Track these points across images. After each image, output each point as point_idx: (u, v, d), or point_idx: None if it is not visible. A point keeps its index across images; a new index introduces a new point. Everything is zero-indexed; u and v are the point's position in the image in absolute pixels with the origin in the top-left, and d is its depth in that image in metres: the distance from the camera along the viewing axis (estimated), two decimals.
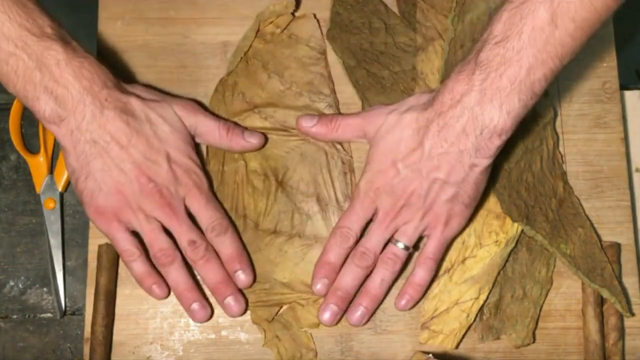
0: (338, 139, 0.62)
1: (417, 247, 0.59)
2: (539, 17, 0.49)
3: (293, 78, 0.64)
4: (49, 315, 0.64)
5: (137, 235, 0.57)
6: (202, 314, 0.58)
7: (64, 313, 0.64)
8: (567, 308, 0.61)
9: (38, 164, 0.66)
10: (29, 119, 0.68)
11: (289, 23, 0.65)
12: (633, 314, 0.61)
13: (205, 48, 0.66)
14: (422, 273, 0.58)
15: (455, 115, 0.53)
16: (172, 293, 0.60)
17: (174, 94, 0.63)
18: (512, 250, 0.60)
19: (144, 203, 0.55)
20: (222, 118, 0.62)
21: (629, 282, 0.62)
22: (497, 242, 0.60)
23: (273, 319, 0.60)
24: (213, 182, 0.62)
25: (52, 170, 0.66)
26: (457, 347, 0.59)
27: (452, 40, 0.63)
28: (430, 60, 0.64)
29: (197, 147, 0.61)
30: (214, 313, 0.60)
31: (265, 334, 0.59)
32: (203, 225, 0.58)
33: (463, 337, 0.60)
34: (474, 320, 0.60)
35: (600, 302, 0.60)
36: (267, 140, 0.62)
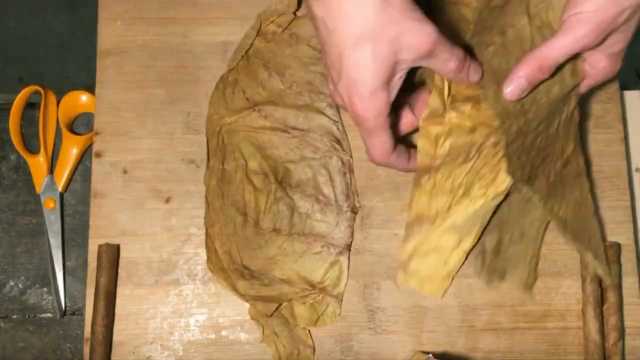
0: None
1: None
2: None
3: (293, 77, 0.64)
4: (49, 315, 0.64)
5: None
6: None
7: (64, 313, 0.64)
8: (567, 308, 0.61)
9: (38, 164, 0.66)
10: (29, 119, 0.68)
11: (290, 22, 0.65)
12: (615, 283, 0.60)
13: (205, 48, 0.66)
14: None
15: None
16: (171, 293, 0.59)
17: (174, 94, 0.64)
18: (500, 203, 0.58)
19: None
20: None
21: (629, 282, 0.62)
22: (485, 194, 0.57)
23: (272, 315, 0.60)
24: (213, 178, 0.62)
25: (52, 170, 0.66)
26: (441, 296, 0.59)
27: None
28: None
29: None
30: (214, 313, 0.60)
31: (264, 330, 0.60)
32: None
33: (446, 290, 0.60)
34: (458, 270, 0.59)
35: (600, 302, 0.60)
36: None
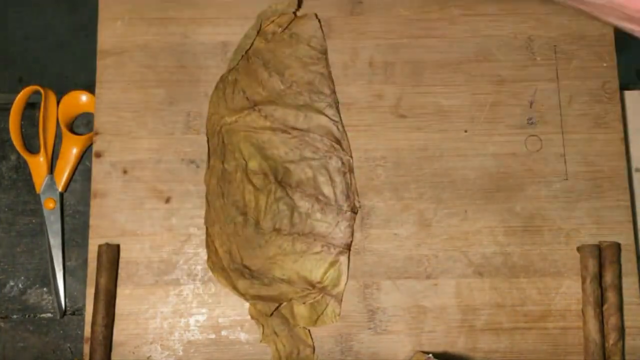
0: None
1: None
2: None
3: (293, 77, 0.64)
4: (49, 315, 0.64)
5: None
6: None
7: (64, 313, 0.64)
8: (567, 308, 0.61)
9: (38, 164, 0.66)
10: (29, 119, 0.68)
11: (290, 22, 0.65)
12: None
13: (205, 48, 0.66)
14: None
15: None
16: (171, 293, 0.60)
17: (174, 94, 0.64)
18: None
19: None
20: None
21: (629, 282, 0.62)
22: None
23: (272, 315, 0.60)
24: (214, 178, 0.62)
25: (52, 170, 0.66)
26: None
27: None
28: None
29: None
30: (214, 313, 0.60)
31: (263, 330, 0.60)
32: None
33: None
34: None
35: (600, 302, 0.60)
36: None
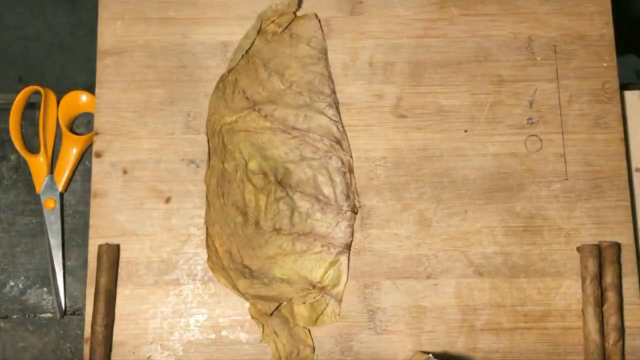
0: None
1: None
2: None
3: (293, 77, 0.64)
4: (49, 315, 0.64)
5: None
6: None
7: (64, 313, 0.64)
8: (567, 308, 0.61)
9: (38, 164, 0.66)
10: (29, 119, 0.68)
11: (291, 22, 0.65)
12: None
13: (205, 48, 0.66)
14: None
15: None
16: (171, 293, 0.60)
17: (174, 94, 0.64)
18: None
19: None
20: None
21: (629, 282, 0.62)
22: None
23: (272, 314, 0.60)
24: (214, 178, 0.62)
25: (52, 170, 0.66)
26: None
27: None
28: None
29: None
30: (214, 313, 0.60)
31: (263, 329, 0.60)
32: None
33: None
34: None
35: (600, 302, 0.60)
36: None
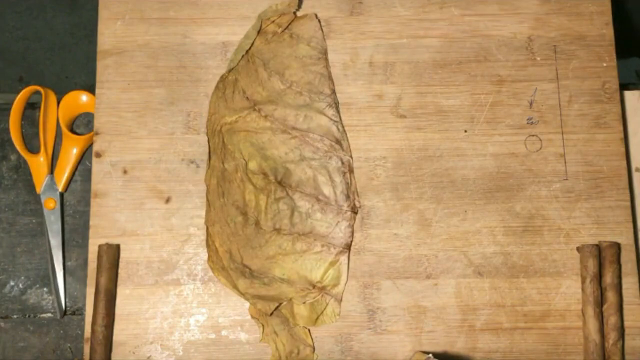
0: None
1: None
2: None
3: (293, 77, 0.64)
4: (49, 315, 0.64)
5: None
6: None
7: (64, 313, 0.64)
8: (567, 308, 0.61)
9: (38, 164, 0.66)
10: (29, 119, 0.68)
11: (291, 22, 0.65)
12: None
13: (205, 48, 0.66)
14: None
15: None
16: (171, 293, 0.60)
17: (174, 94, 0.64)
18: None
19: None
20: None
21: (629, 282, 0.62)
22: None
23: (272, 314, 0.60)
24: (214, 178, 0.62)
25: (52, 170, 0.66)
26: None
27: None
28: None
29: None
30: (214, 313, 0.60)
31: (263, 329, 0.60)
32: None
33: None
34: None
35: (600, 302, 0.60)
36: None
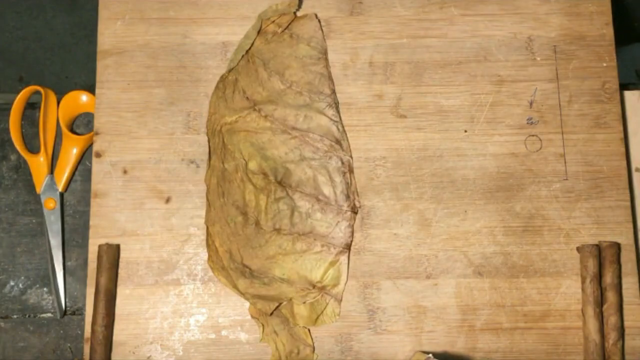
0: None
1: None
2: None
3: (293, 77, 0.64)
4: (49, 315, 0.64)
5: None
6: None
7: (64, 313, 0.64)
8: (567, 308, 0.61)
9: (38, 164, 0.66)
10: (29, 119, 0.68)
11: (291, 22, 0.65)
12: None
13: (205, 48, 0.66)
14: None
15: None
16: (171, 293, 0.60)
17: (174, 94, 0.64)
18: None
19: None
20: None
21: (629, 282, 0.62)
22: None
23: (272, 314, 0.60)
24: (214, 178, 0.62)
25: (52, 170, 0.66)
26: None
27: None
28: None
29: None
30: (214, 313, 0.60)
31: (263, 329, 0.60)
32: None
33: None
34: None
35: (600, 302, 0.60)
36: None
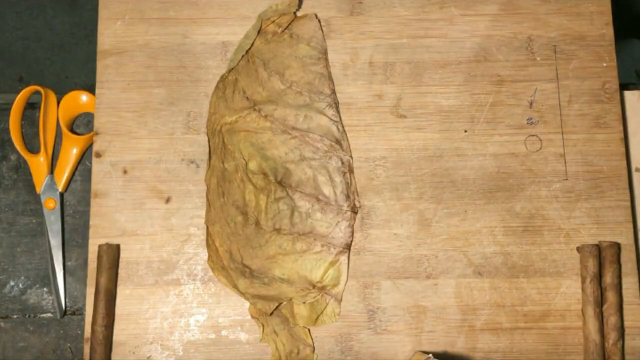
0: None
1: None
2: None
3: (293, 77, 0.64)
4: (49, 315, 0.64)
5: None
6: None
7: (64, 313, 0.64)
8: (567, 308, 0.61)
9: (38, 164, 0.66)
10: (29, 119, 0.68)
11: (291, 22, 0.65)
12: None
13: (205, 48, 0.66)
14: None
15: None
16: (171, 293, 0.60)
17: (174, 94, 0.64)
18: None
19: None
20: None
21: (629, 282, 0.62)
22: None
23: (272, 314, 0.60)
24: (214, 178, 0.62)
25: (52, 170, 0.66)
26: None
27: None
28: None
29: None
30: (214, 313, 0.60)
31: (263, 329, 0.60)
32: None
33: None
34: None
35: (600, 302, 0.60)
36: None
